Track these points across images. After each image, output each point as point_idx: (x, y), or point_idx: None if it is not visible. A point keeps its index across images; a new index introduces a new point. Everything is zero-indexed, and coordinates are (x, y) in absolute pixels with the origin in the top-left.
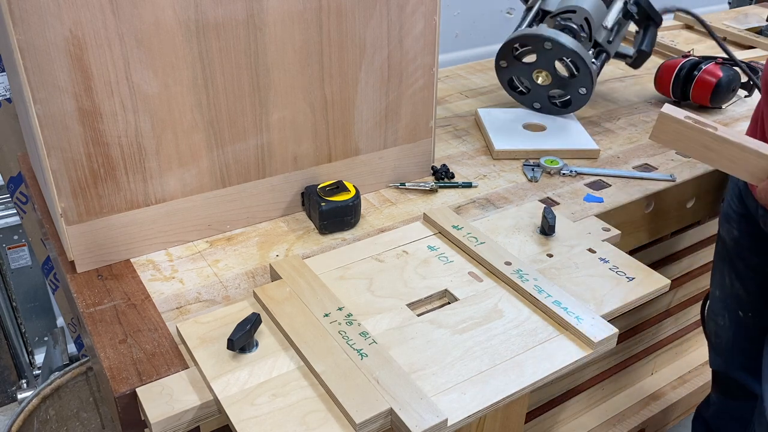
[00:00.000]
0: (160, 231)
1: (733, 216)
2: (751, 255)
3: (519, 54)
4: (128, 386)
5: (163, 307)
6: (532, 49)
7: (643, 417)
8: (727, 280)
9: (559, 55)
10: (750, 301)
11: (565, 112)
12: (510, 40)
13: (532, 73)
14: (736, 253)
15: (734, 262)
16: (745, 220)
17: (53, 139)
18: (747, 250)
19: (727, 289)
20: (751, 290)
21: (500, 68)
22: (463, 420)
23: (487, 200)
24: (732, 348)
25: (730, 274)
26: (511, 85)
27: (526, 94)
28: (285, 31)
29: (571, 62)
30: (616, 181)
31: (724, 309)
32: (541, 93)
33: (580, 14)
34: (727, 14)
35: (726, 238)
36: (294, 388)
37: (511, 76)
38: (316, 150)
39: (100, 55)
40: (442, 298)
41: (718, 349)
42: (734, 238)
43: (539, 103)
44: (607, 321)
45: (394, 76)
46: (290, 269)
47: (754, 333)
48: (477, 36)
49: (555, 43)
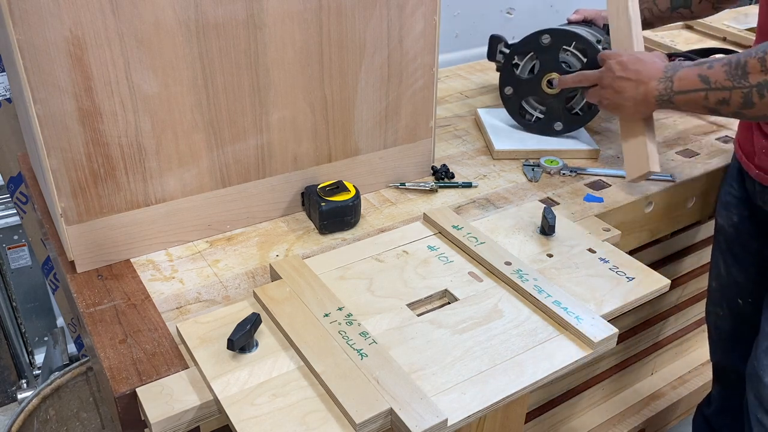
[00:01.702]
0: (160, 231)
1: (732, 201)
2: (750, 240)
3: (520, 70)
4: (128, 386)
5: (163, 307)
6: (533, 55)
7: (643, 417)
8: (724, 270)
9: (561, 45)
10: (749, 289)
11: (590, 117)
12: (508, 57)
13: (540, 84)
14: (736, 238)
15: (733, 249)
16: (744, 204)
17: (53, 139)
18: (746, 234)
19: (724, 279)
20: (750, 277)
21: (507, 98)
22: (463, 420)
23: (487, 200)
24: (732, 338)
25: (728, 263)
26: (523, 113)
27: (543, 119)
28: (285, 31)
29: (575, 48)
30: (616, 181)
31: (722, 299)
32: (557, 107)
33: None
34: (727, 14)
35: (725, 226)
36: (294, 388)
37: (520, 102)
38: (316, 150)
39: (100, 55)
40: (442, 298)
41: (719, 340)
42: (733, 224)
43: (560, 123)
44: (607, 321)
45: (394, 76)
46: (290, 269)
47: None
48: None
49: (552, 32)
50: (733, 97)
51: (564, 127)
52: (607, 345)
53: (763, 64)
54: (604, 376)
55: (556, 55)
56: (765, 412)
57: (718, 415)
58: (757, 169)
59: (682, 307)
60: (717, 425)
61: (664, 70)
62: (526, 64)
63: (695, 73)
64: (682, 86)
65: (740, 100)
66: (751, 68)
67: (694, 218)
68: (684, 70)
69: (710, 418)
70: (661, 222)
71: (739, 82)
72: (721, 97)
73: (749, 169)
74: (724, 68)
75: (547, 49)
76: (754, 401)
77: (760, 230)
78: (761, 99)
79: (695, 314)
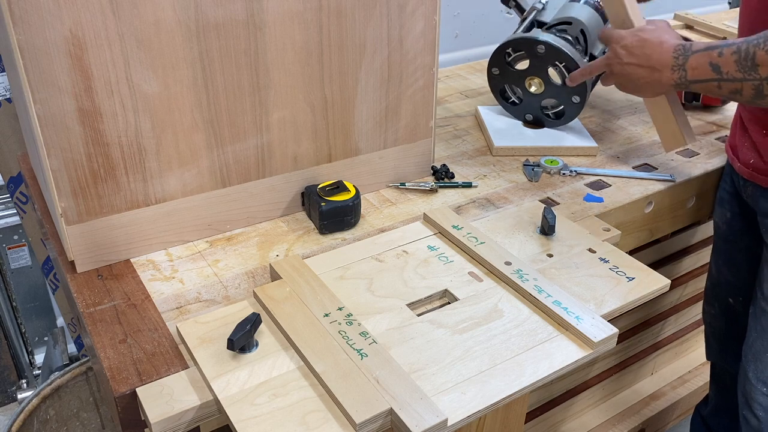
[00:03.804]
0: (160, 231)
1: (726, 197)
2: (742, 236)
3: (512, 60)
4: (128, 386)
5: (163, 307)
6: (525, 55)
7: (643, 417)
8: (715, 268)
9: (553, 60)
10: (739, 287)
11: (558, 123)
12: (503, 45)
13: (524, 80)
14: (728, 235)
15: (726, 246)
16: (736, 200)
17: (53, 139)
18: (737, 231)
19: (717, 277)
20: (740, 275)
21: (492, 76)
22: (463, 420)
23: (487, 200)
24: (725, 337)
25: (720, 261)
26: (503, 95)
27: (518, 105)
28: (285, 31)
29: (564, 68)
30: (616, 181)
31: (715, 298)
32: (534, 103)
33: (575, 26)
34: (727, 14)
35: (719, 223)
36: (294, 388)
37: (503, 85)
38: (316, 150)
39: (100, 55)
40: (442, 298)
41: (713, 340)
42: (726, 220)
43: (531, 114)
44: (607, 321)
45: (394, 76)
46: (290, 269)
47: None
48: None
49: (548, 46)
50: (745, 88)
51: (533, 120)
52: (607, 345)
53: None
54: (604, 376)
55: (546, 67)
56: (750, 410)
57: (714, 416)
58: (740, 163)
59: (682, 307)
60: (714, 426)
61: (674, 56)
62: (517, 58)
63: (707, 61)
64: (696, 75)
65: (752, 92)
66: (760, 60)
67: (694, 218)
68: (695, 57)
69: (707, 418)
70: (661, 222)
71: (750, 74)
72: (733, 88)
73: (734, 162)
74: (734, 57)
75: (540, 57)
76: (741, 398)
77: (749, 226)
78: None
79: (695, 314)
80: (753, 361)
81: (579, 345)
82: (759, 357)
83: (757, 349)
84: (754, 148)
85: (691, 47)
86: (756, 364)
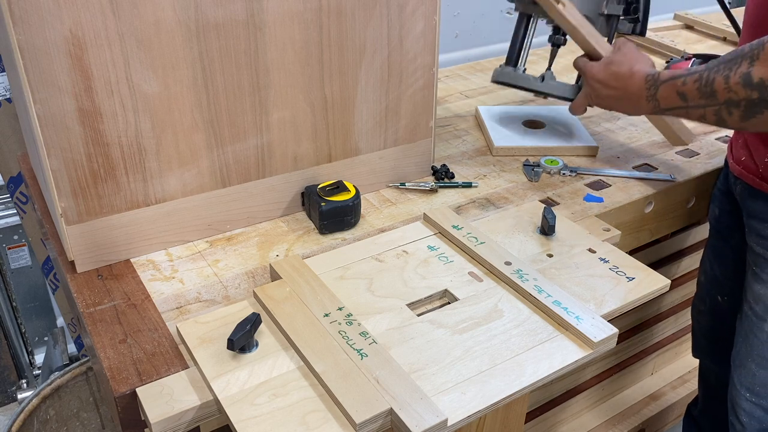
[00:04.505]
0: (160, 231)
1: (717, 194)
2: (731, 234)
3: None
4: (128, 386)
5: (163, 307)
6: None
7: (643, 417)
8: (708, 265)
9: None
10: (727, 284)
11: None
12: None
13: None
14: (718, 232)
15: (716, 243)
16: (727, 198)
17: (53, 139)
18: (727, 228)
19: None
20: (728, 272)
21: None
22: (463, 420)
23: (487, 200)
24: (710, 336)
25: (711, 258)
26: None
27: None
28: (285, 31)
29: None
30: (616, 181)
31: (705, 295)
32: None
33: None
34: None
35: (711, 221)
36: (294, 388)
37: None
38: (316, 150)
39: (100, 55)
40: (442, 298)
41: (699, 336)
42: (716, 217)
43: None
44: (607, 321)
45: (394, 76)
46: (290, 269)
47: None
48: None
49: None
50: (707, 114)
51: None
52: (607, 345)
53: (726, 82)
54: (604, 376)
55: None
56: (735, 416)
57: (703, 416)
58: (733, 160)
59: (682, 308)
60: (703, 425)
61: (647, 87)
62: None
63: (674, 91)
64: (667, 104)
65: (714, 117)
66: (717, 86)
67: (693, 218)
68: (663, 87)
69: (697, 418)
70: (661, 222)
71: (710, 101)
72: (698, 114)
73: (729, 159)
74: (696, 85)
75: None
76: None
77: (738, 225)
78: (730, 116)
79: None
80: (738, 367)
81: (579, 345)
82: (743, 363)
83: (742, 356)
84: (746, 146)
85: (659, 77)
86: (740, 370)
